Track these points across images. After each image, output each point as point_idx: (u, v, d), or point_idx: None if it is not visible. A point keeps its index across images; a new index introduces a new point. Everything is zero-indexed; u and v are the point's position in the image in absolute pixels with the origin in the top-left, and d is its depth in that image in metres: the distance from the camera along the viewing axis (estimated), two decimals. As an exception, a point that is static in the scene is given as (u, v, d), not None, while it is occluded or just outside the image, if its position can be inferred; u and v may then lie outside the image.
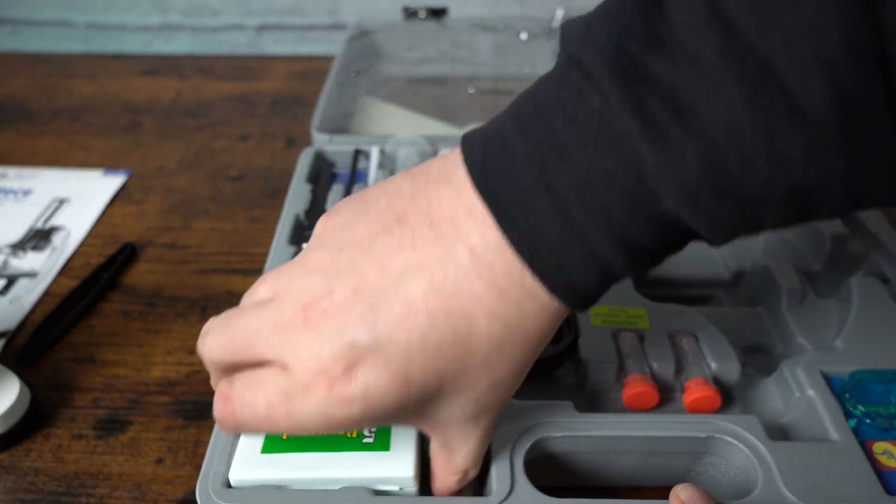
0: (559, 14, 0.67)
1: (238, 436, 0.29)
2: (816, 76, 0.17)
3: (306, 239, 0.41)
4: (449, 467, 0.26)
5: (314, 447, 0.28)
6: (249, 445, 0.28)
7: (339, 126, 0.56)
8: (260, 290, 0.25)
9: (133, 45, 0.82)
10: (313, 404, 0.22)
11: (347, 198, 0.26)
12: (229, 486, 0.27)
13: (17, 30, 0.82)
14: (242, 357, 0.24)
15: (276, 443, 0.28)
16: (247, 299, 0.26)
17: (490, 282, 0.21)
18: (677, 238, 0.21)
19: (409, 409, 0.23)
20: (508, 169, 0.21)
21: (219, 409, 0.24)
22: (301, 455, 0.27)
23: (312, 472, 0.27)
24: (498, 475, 0.27)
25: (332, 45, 0.80)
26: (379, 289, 0.22)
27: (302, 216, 0.43)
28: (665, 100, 0.18)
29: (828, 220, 0.19)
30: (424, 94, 0.64)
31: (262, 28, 0.80)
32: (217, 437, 0.29)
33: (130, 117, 0.66)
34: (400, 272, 0.22)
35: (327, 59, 0.76)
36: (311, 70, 0.73)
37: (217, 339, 0.24)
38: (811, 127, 0.17)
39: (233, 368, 0.25)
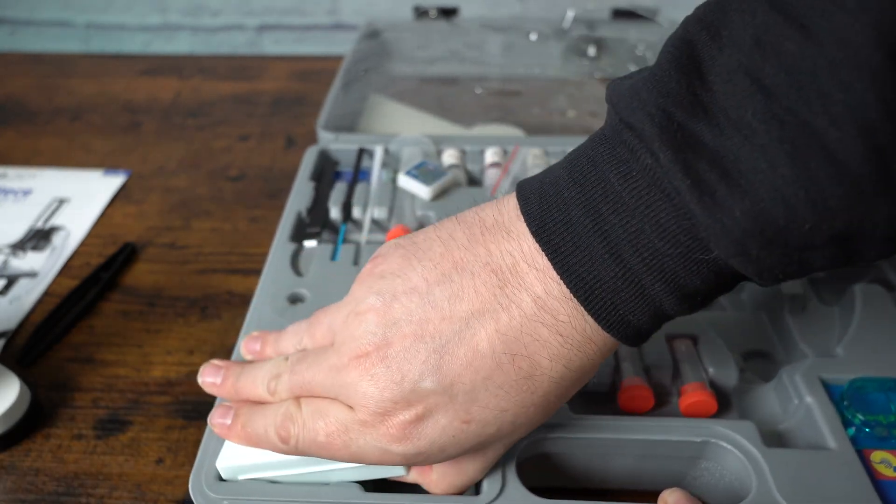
0: (569, 15, 0.67)
1: None
2: (855, 134, 0.18)
3: (307, 236, 0.42)
4: (460, 483, 0.27)
5: None
6: None
7: (346, 124, 0.56)
8: (318, 332, 0.28)
9: (133, 45, 0.82)
10: (370, 439, 0.24)
11: (394, 242, 0.27)
12: (222, 479, 0.28)
13: (16, 30, 0.82)
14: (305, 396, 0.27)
15: None
16: (307, 338, 0.28)
17: (553, 328, 0.23)
18: (727, 281, 0.22)
19: (462, 443, 0.25)
20: (565, 218, 0.23)
21: (283, 429, 0.26)
22: None
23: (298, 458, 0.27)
24: (489, 475, 0.28)
25: (332, 45, 0.80)
26: (442, 334, 0.23)
27: (304, 214, 0.43)
28: (712, 162, 0.20)
29: (873, 262, 0.20)
30: (433, 94, 0.64)
31: (262, 28, 0.80)
32: (210, 433, 0.29)
33: (130, 117, 0.66)
34: (463, 318, 0.23)
35: (327, 59, 0.76)
36: (311, 70, 0.73)
37: (285, 386, 0.27)
38: (851, 179, 0.18)
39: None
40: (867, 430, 0.29)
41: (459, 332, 0.23)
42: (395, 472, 0.27)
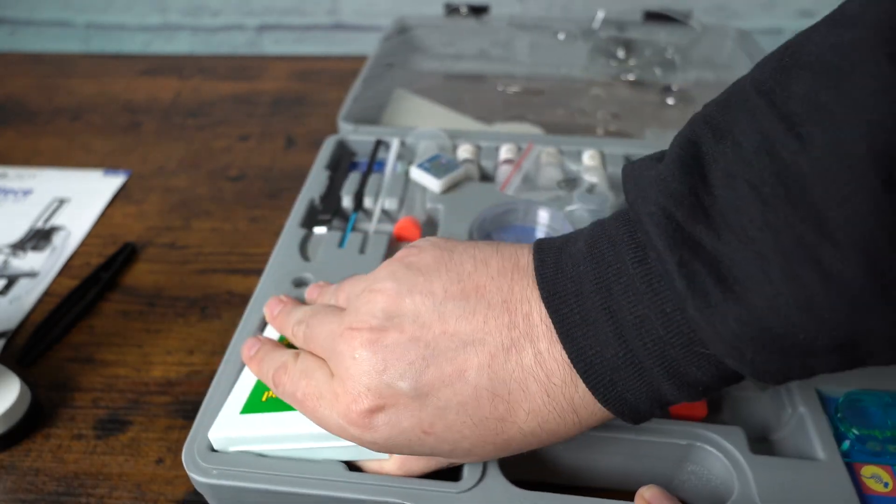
0: (599, 16, 0.67)
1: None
2: (852, 251, 0.17)
3: (318, 223, 0.43)
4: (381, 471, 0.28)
5: (290, 408, 0.28)
6: (232, 406, 0.30)
7: (370, 117, 0.57)
8: (341, 295, 0.29)
9: (133, 45, 0.82)
10: (335, 412, 0.25)
11: (433, 241, 0.27)
12: (214, 450, 0.29)
13: (16, 30, 0.82)
14: (311, 350, 0.28)
15: (256, 405, 0.29)
16: (333, 298, 0.30)
17: (543, 385, 0.23)
18: (730, 376, 0.22)
19: (414, 450, 0.25)
20: (577, 289, 0.23)
21: (277, 375, 0.28)
22: (277, 414, 0.28)
23: (285, 429, 0.28)
24: (471, 463, 0.28)
25: (332, 45, 0.80)
26: (437, 345, 0.24)
27: (317, 201, 0.44)
28: (709, 265, 0.20)
29: (885, 366, 0.20)
30: (457, 90, 0.64)
31: (262, 28, 0.80)
32: (206, 408, 0.30)
33: (130, 117, 0.66)
34: (463, 340, 0.24)
35: (327, 59, 0.76)
36: (311, 70, 0.73)
37: (300, 334, 0.29)
38: (847, 293, 0.18)
39: None
40: (862, 444, 0.29)
41: (454, 351, 0.24)
42: (375, 455, 0.28)
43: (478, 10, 0.70)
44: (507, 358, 0.23)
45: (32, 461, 0.35)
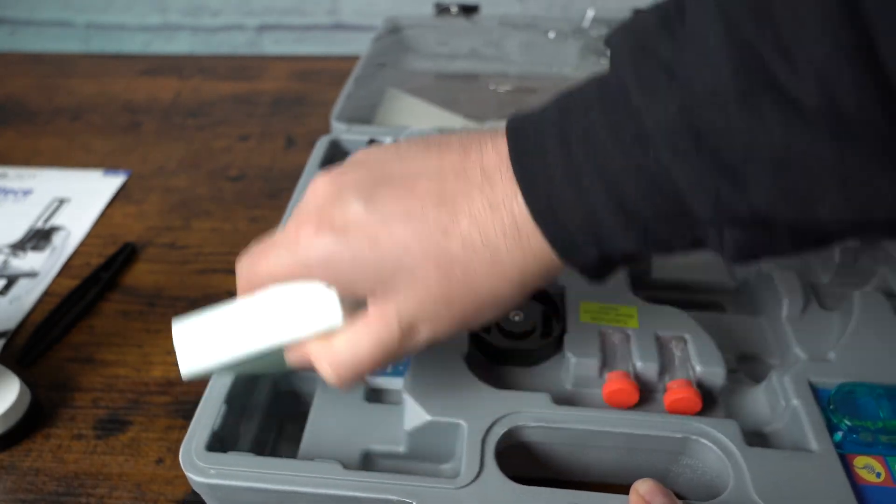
0: (589, 15, 0.67)
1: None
2: (810, 78, 0.17)
3: None
4: (330, 354, 0.26)
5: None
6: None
7: (363, 117, 0.57)
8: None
9: (133, 45, 0.82)
10: (284, 250, 0.26)
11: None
12: (210, 450, 0.29)
13: (16, 30, 0.82)
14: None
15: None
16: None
17: (487, 197, 0.23)
18: (669, 210, 0.21)
19: (356, 274, 0.25)
20: (537, 119, 0.24)
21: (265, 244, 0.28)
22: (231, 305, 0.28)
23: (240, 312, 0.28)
24: (468, 458, 0.28)
25: (332, 45, 0.80)
26: (391, 174, 0.25)
27: None
28: (664, 66, 0.20)
29: (829, 216, 0.19)
30: (449, 90, 0.64)
31: (262, 28, 0.80)
32: (203, 407, 0.31)
33: (130, 117, 0.66)
34: (416, 171, 0.25)
35: (327, 59, 0.76)
36: (311, 70, 0.73)
37: (247, 272, 0.29)
38: (797, 112, 0.18)
39: None
40: (854, 435, 0.29)
41: (404, 175, 0.25)
42: (324, 324, 0.26)
43: (468, 10, 0.70)
44: (456, 178, 0.24)
45: (32, 461, 0.35)
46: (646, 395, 0.32)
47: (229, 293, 0.45)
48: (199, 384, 0.39)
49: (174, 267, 0.47)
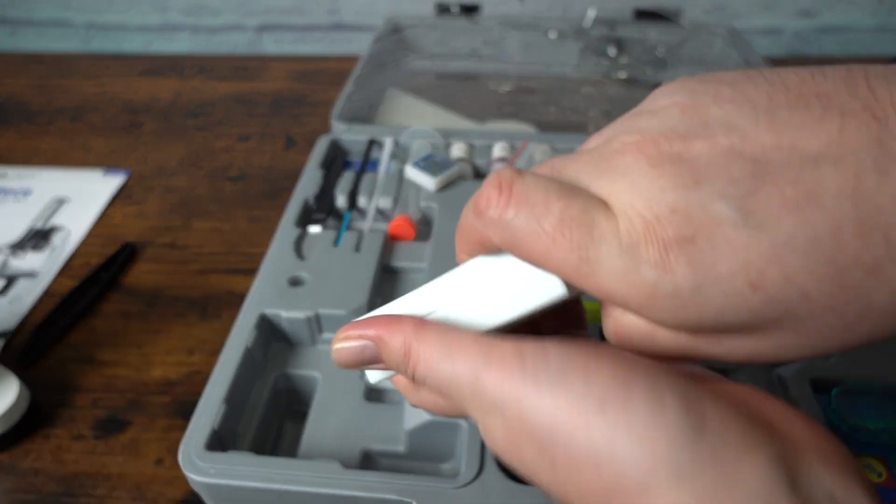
0: (590, 15, 0.67)
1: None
2: None
3: (313, 222, 0.43)
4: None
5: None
6: None
7: (363, 116, 0.57)
8: (591, 141, 0.20)
9: (133, 45, 0.82)
10: (614, 249, 0.17)
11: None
12: (210, 450, 0.29)
13: (16, 30, 0.82)
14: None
15: None
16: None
17: None
18: None
19: (727, 313, 0.17)
20: None
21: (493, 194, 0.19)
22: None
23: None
24: (468, 458, 0.28)
25: (332, 45, 0.80)
26: (768, 161, 0.16)
27: (311, 200, 0.44)
28: None
29: None
30: (450, 89, 0.65)
31: (262, 28, 0.80)
32: (202, 407, 0.31)
33: (130, 117, 0.66)
34: (809, 155, 0.16)
35: (327, 59, 0.76)
36: (311, 70, 0.73)
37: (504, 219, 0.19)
38: None
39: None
40: (855, 435, 0.29)
41: (798, 168, 0.16)
42: (547, 296, 0.20)
43: (469, 10, 0.70)
44: (883, 180, 0.15)
45: (32, 462, 0.35)
46: None
47: (229, 293, 0.45)
48: (201, 384, 0.39)
49: (174, 267, 0.47)
